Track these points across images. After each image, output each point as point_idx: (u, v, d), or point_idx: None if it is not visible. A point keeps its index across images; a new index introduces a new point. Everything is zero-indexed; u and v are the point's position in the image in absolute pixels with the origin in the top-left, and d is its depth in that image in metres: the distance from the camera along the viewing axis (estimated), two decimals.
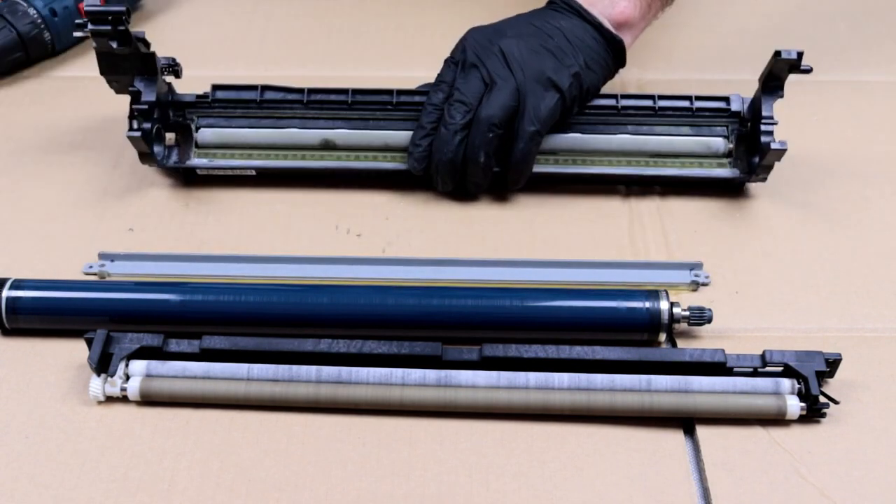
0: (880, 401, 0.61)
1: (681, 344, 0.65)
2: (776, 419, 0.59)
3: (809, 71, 0.69)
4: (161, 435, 0.59)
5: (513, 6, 0.84)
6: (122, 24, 0.67)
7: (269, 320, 0.64)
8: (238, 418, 0.60)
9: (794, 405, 0.59)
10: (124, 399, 0.61)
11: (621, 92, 0.79)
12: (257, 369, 0.61)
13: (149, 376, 0.61)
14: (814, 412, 0.59)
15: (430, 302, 0.64)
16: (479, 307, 0.64)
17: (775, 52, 0.69)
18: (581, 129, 0.76)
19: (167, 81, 0.75)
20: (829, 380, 0.62)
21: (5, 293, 0.64)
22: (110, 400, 0.61)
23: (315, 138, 0.76)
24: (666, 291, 0.64)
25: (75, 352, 0.63)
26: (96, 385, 0.60)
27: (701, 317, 0.63)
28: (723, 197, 0.76)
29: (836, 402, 0.60)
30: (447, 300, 0.64)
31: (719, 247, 0.72)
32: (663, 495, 0.56)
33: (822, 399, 0.59)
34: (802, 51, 0.69)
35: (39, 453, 0.58)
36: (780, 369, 0.61)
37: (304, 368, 0.60)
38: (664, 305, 0.63)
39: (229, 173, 0.77)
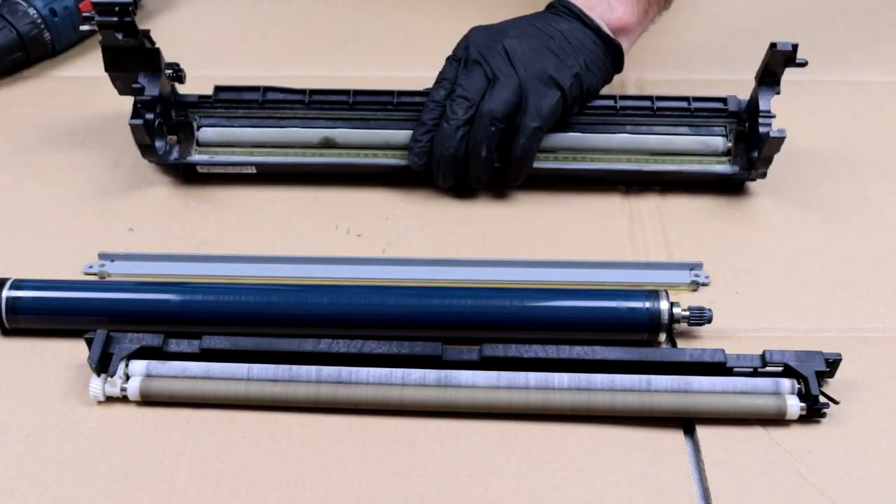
0: (880, 401, 0.61)
1: (681, 344, 0.65)
2: (776, 419, 0.59)
3: (804, 64, 0.70)
4: (161, 435, 0.59)
5: (512, 7, 0.84)
6: (128, 16, 0.69)
7: (269, 320, 0.64)
8: (238, 418, 0.60)
9: (794, 405, 0.59)
10: (124, 399, 0.61)
11: (620, 92, 0.79)
12: (257, 369, 0.61)
13: (149, 376, 0.61)
14: (814, 412, 0.59)
15: (429, 302, 0.64)
16: (479, 307, 0.64)
17: (771, 44, 0.70)
18: (580, 128, 0.76)
19: (171, 82, 0.75)
20: (829, 380, 0.62)
21: (5, 293, 0.64)
22: (110, 400, 0.61)
23: (316, 137, 0.76)
24: (666, 291, 0.64)
25: (75, 352, 0.63)
26: (96, 385, 0.60)
27: (701, 317, 0.63)
28: (723, 197, 0.76)
29: (836, 402, 0.60)
30: (447, 300, 0.64)
31: (719, 247, 0.72)
32: (663, 495, 0.56)
33: (822, 399, 0.59)
34: (797, 43, 0.69)
35: (39, 453, 0.58)
36: (780, 369, 0.61)
37: (304, 368, 0.60)
38: (664, 305, 0.63)
39: (230, 171, 0.77)
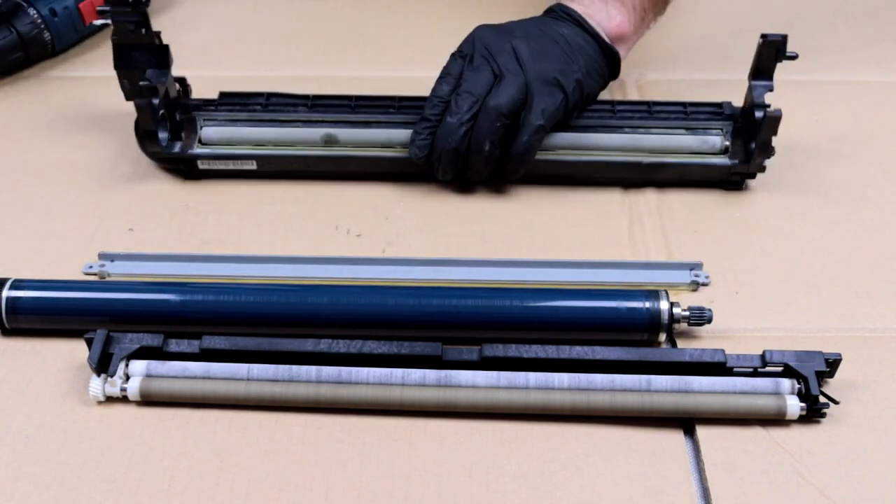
0: (880, 401, 0.61)
1: (681, 344, 0.65)
2: (776, 419, 0.59)
3: (795, 57, 0.71)
4: (161, 435, 0.59)
5: (512, 7, 0.84)
6: (141, 6, 0.71)
7: (269, 320, 0.64)
8: (238, 418, 0.60)
9: (794, 405, 0.59)
10: (124, 399, 0.61)
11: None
12: (257, 369, 0.61)
13: (149, 376, 0.61)
14: (814, 412, 0.59)
15: (430, 302, 0.64)
16: (479, 307, 0.64)
17: (762, 36, 0.71)
18: (579, 129, 0.76)
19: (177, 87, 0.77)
20: (829, 380, 0.62)
21: (5, 293, 0.64)
22: (110, 400, 0.61)
23: (318, 135, 0.77)
24: (666, 291, 0.64)
25: (75, 352, 0.63)
26: (96, 385, 0.60)
27: (701, 317, 0.63)
28: (723, 197, 0.76)
29: (836, 402, 0.60)
30: (447, 300, 0.64)
31: (719, 247, 0.72)
32: (663, 495, 0.56)
33: (822, 399, 0.59)
34: (786, 34, 0.70)
35: (39, 453, 0.58)
36: (780, 369, 0.61)
37: (304, 368, 0.60)
38: (664, 305, 0.63)
39: (230, 166, 0.77)
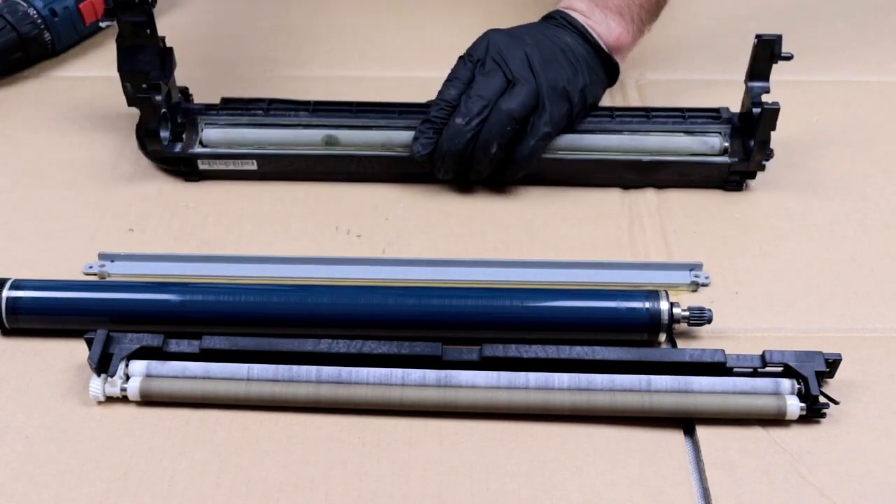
0: (880, 401, 0.61)
1: (681, 344, 0.65)
2: (776, 419, 0.59)
3: (790, 57, 0.72)
4: (161, 435, 0.59)
5: (512, 8, 0.84)
6: (147, 6, 0.71)
7: (269, 320, 0.64)
8: (238, 418, 0.60)
9: (794, 405, 0.59)
10: (124, 399, 0.61)
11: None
12: (257, 369, 0.61)
13: (149, 376, 0.61)
14: (814, 412, 0.59)
15: (429, 302, 0.64)
16: (479, 307, 0.64)
17: (756, 36, 0.71)
18: (579, 131, 0.76)
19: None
20: (829, 380, 0.62)
21: (5, 293, 0.64)
22: (110, 400, 0.61)
23: (318, 136, 0.77)
24: (666, 292, 0.64)
25: (75, 352, 0.63)
26: (96, 385, 0.60)
27: (701, 317, 0.63)
28: (723, 197, 0.76)
29: (836, 403, 0.60)
30: (447, 300, 0.64)
31: (719, 247, 0.72)
32: (663, 495, 0.56)
33: (822, 399, 0.59)
34: (780, 34, 0.71)
35: (39, 453, 0.58)
36: (780, 369, 0.61)
37: (304, 368, 0.60)
38: (664, 306, 0.63)
39: (231, 167, 0.77)
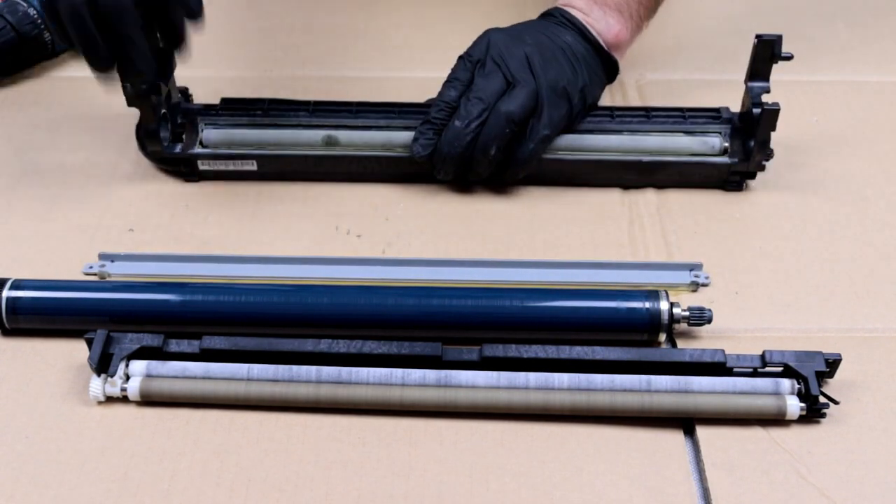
0: (880, 401, 0.61)
1: (681, 344, 0.65)
2: (776, 419, 0.59)
3: (790, 57, 0.71)
4: (161, 435, 0.59)
5: (513, 8, 0.84)
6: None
7: (269, 320, 0.64)
8: (238, 418, 0.60)
9: (794, 405, 0.59)
10: (124, 399, 0.61)
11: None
12: (257, 369, 0.61)
13: (149, 376, 0.61)
14: (814, 412, 0.59)
15: (430, 302, 0.64)
16: (479, 307, 0.64)
17: (757, 36, 0.71)
18: (579, 132, 0.76)
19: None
20: (829, 380, 0.62)
21: (5, 293, 0.64)
22: (110, 400, 0.61)
23: (318, 137, 0.77)
24: (666, 292, 0.64)
25: (75, 352, 0.63)
26: (96, 385, 0.60)
27: (701, 317, 0.63)
28: (723, 197, 0.76)
29: (836, 403, 0.60)
30: (447, 300, 0.64)
31: (719, 247, 0.72)
32: (663, 495, 0.56)
33: (822, 399, 0.59)
34: (780, 35, 0.71)
35: (39, 453, 0.58)
36: (780, 369, 0.61)
37: (304, 368, 0.60)
38: (664, 306, 0.63)
39: (231, 167, 0.77)
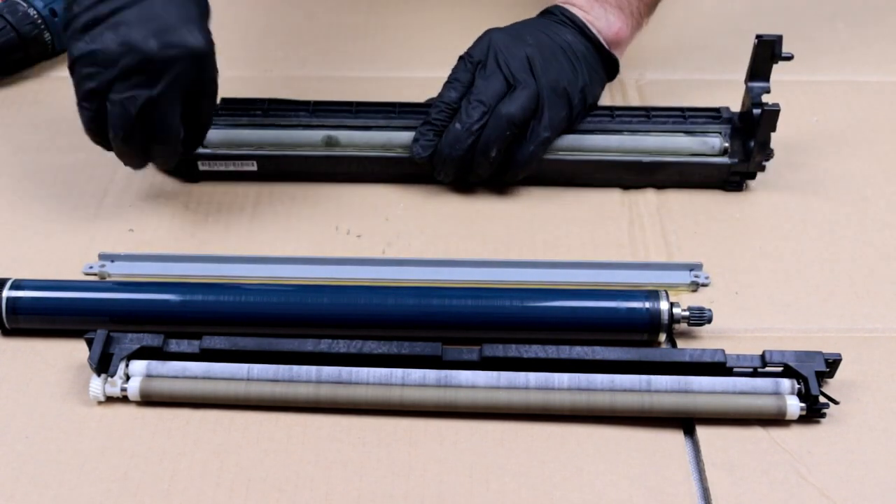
0: (880, 401, 0.61)
1: (681, 344, 0.65)
2: (776, 419, 0.59)
3: (790, 58, 0.72)
4: (161, 435, 0.59)
5: (513, 8, 0.84)
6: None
7: (269, 320, 0.64)
8: (238, 418, 0.60)
9: (794, 405, 0.59)
10: (124, 399, 0.61)
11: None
12: (257, 369, 0.61)
13: (149, 376, 0.61)
14: (814, 412, 0.59)
15: (429, 302, 0.64)
16: (479, 307, 0.64)
17: (757, 36, 0.71)
18: (579, 132, 0.76)
19: None
20: (829, 380, 0.62)
21: (5, 293, 0.64)
22: (110, 400, 0.61)
23: (318, 137, 0.77)
24: (666, 292, 0.64)
25: (75, 352, 0.63)
26: (96, 385, 0.60)
27: (701, 317, 0.63)
28: (723, 197, 0.76)
29: (836, 403, 0.60)
30: (447, 300, 0.64)
31: (719, 247, 0.72)
32: (663, 495, 0.56)
33: (822, 399, 0.59)
34: (781, 35, 0.71)
35: (39, 453, 0.58)
36: (780, 369, 0.61)
37: (304, 368, 0.60)
38: (664, 306, 0.63)
39: (231, 168, 0.77)
